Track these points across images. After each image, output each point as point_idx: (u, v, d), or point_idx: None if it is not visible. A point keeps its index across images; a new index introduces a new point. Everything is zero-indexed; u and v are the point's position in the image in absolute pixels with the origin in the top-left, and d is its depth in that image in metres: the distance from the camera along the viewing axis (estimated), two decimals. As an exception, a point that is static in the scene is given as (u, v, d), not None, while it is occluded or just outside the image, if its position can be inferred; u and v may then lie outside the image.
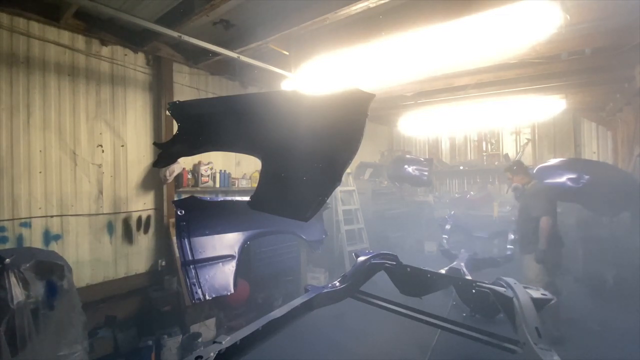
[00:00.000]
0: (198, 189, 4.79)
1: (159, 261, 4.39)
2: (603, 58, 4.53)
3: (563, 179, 4.32)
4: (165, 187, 4.44)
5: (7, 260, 2.46)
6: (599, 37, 3.82)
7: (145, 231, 4.38)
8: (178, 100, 2.06)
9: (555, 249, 3.79)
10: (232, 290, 2.59)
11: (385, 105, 6.92)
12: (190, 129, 2.04)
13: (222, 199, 3.78)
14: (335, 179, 1.69)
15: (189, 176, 4.75)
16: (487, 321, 3.70)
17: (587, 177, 4.13)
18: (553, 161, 4.90)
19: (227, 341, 1.96)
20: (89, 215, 3.87)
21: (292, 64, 4.35)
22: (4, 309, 2.36)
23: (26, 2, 3.37)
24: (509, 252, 5.23)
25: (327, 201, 1.87)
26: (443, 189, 9.71)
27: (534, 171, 4.88)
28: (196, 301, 2.42)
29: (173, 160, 2.34)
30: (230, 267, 2.66)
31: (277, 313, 2.43)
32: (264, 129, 1.90)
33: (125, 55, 4.25)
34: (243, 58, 4.13)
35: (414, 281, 3.32)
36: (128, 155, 4.24)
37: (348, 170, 6.55)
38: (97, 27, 3.87)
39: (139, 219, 4.32)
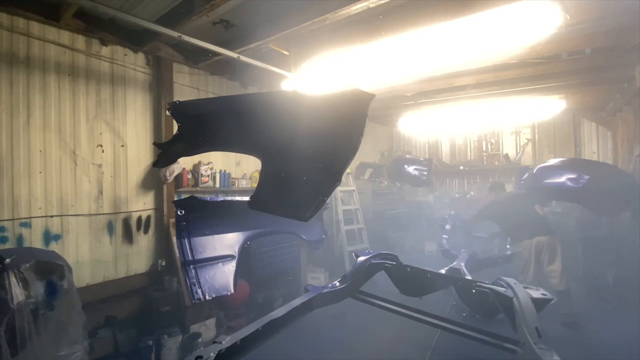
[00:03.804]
0: (198, 189, 4.79)
1: (159, 261, 4.39)
2: (603, 58, 4.53)
3: (563, 179, 4.32)
4: (165, 187, 4.44)
5: (7, 260, 2.46)
6: (599, 37, 3.82)
7: (145, 231, 4.38)
8: (178, 100, 2.07)
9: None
10: (232, 290, 2.59)
11: (385, 105, 6.92)
12: (190, 129, 2.04)
13: (222, 199, 3.78)
14: (335, 179, 1.69)
15: (189, 176, 4.75)
16: (487, 321, 3.70)
17: (587, 177, 4.13)
18: (553, 161, 4.90)
19: (227, 341, 1.96)
20: (89, 215, 3.87)
21: (292, 64, 4.35)
22: (4, 309, 2.36)
23: (26, 2, 3.37)
24: (509, 252, 5.23)
25: (327, 201, 1.87)
26: (443, 189, 9.70)
27: (534, 171, 4.90)
28: (196, 301, 2.43)
29: (173, 160, 2.33)
30: (230, 267, 2.66)
31: (277, 313, 2.43)
32: (264, 129, 1.90)
33: (125, 55, 4.25)
34: (243, 58, 4.13)
35: (414, 281, 3.33)
36: (128, 155, 4.24)
37: (348, 170, 6.56)
38: (97, 27, 3.87)
39: (139, 219, 4.32)
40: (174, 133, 2.09)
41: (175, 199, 4.51)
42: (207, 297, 2.44)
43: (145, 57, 4.45)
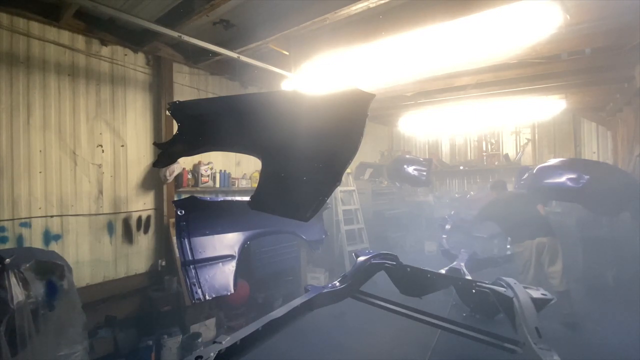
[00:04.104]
0: (198, 189, 4.79)
1: (159, 261, 4.39)
2: (603, 58, 4.53)
3: (563, 179, 4.32)
4: (165, 187, 4.44)
5: (7, 260, 2.46)
6: (599, 37, 3.81)
7: (145, 231, 4.38)
8: (178, 100, 2.06)
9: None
10: (232, 290, 2.58)
11: (385, 105, 6.92)
12: (190, 129, 2.04)
13: (222, 199, 3.78)
14: (335, 179, 1.69)
15: (189, 176, 4.75)
16: (487, 321, 3.70)
17: (587, 177, 4.13)
18: (553, 161, 4.90)
19: (227, 341, 1.96)
20: (89, 215, 3.87)
21: (292, 64, 4.35)
22: (4, 309, 2.36)
23: (26, 2, 3.37)
24: (509, 252, 5.23)
25: (327, 201, 1.87)
26: (443, 189, 9.70)
27: (534, 171, 4.90)
28: (196, 301, 2.42)
29: (173, 160, 2.33)
30: (230, 267, 2.66)
31: (277, 313, 2.44)
32: (264, 129, 1.90)
33: (125, 55, 4.25)
34: (243, 58, 4.13)
35: (414, 281, 3.33)
36: (128, 155, 4.24)
37: (348, 170, 6.55)
38: (97, 27, 3.87)
39: (139, 219, 4.32)
40: (174, 133, 2.09)
41: (175, 199, 4.51)
42: (207, 297, 2.44)
43: (145, 57, 4.45)
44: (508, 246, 5.33)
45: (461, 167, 9.17)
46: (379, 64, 3.93)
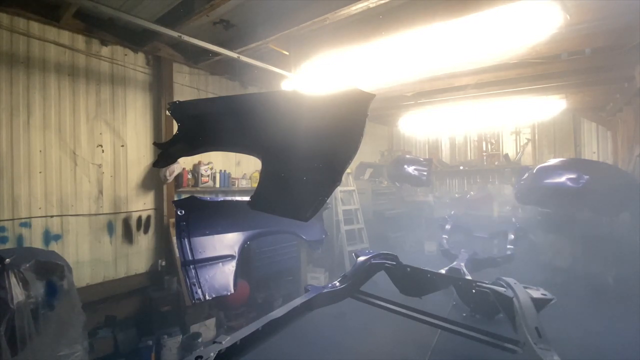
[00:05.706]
0: (198, 189, 4.79)
1: (159, 261, 4.39)
2: (603, 58, 4.53)
3: (563, 179, 4.32)
4: (165, 187, 4.45)
5: (7, 260, 2.46)
6: (599, 37, 3.82)
7: (145, 231, 4.38)
8: (178, 100, 2.06)
9: None
10: (232, 290, 2.59)
11: (385, 105, 6.92)
12: (190, 129, 2.04)
13: (222, 199, 3.78)
14: (335, 179, 1.69)
15: (189, 176, 4.76)
16: (487, 321, 3.70)
17: (587, 177, 4.13)
18: (553, 161, 4.90)
19: (227, 341, 1.97)
20: (89, 215, 3.87)
21: (292, 64, 4.35)
22: (4, 309, 2.36)
23: (26, 2, 3.37)
24: (509, 252, 5.23)
25: (327, 201, 1.87)
26: (443, 189, 9.70)
27: (534, 171, 4.89)
28: (196, 301, 2.42)
29: (173, 160, 2.33)
30: (230, 267, 2.66)
31: (277, 313, 2.44)
32: (264, 129, 1.90)
33: (125, 55, 4.25)
34: (243, 58, 4.13)
35: (414, 281, 3.33)
36: (128, 155, 4.24)
37: (348, 170, 6.55)
38: (97, 27, 3.87)
39: (139, 219, 4.32)
40: (174, 133, 2.09)
41: (175, 199, 4.51)
42: (207, 297, 2.44)
43: (145, 57, 4.45)
44: (508, 246, 5.33)
45: (461, 167, 9.17)
46: (379, 64, 3.93)
